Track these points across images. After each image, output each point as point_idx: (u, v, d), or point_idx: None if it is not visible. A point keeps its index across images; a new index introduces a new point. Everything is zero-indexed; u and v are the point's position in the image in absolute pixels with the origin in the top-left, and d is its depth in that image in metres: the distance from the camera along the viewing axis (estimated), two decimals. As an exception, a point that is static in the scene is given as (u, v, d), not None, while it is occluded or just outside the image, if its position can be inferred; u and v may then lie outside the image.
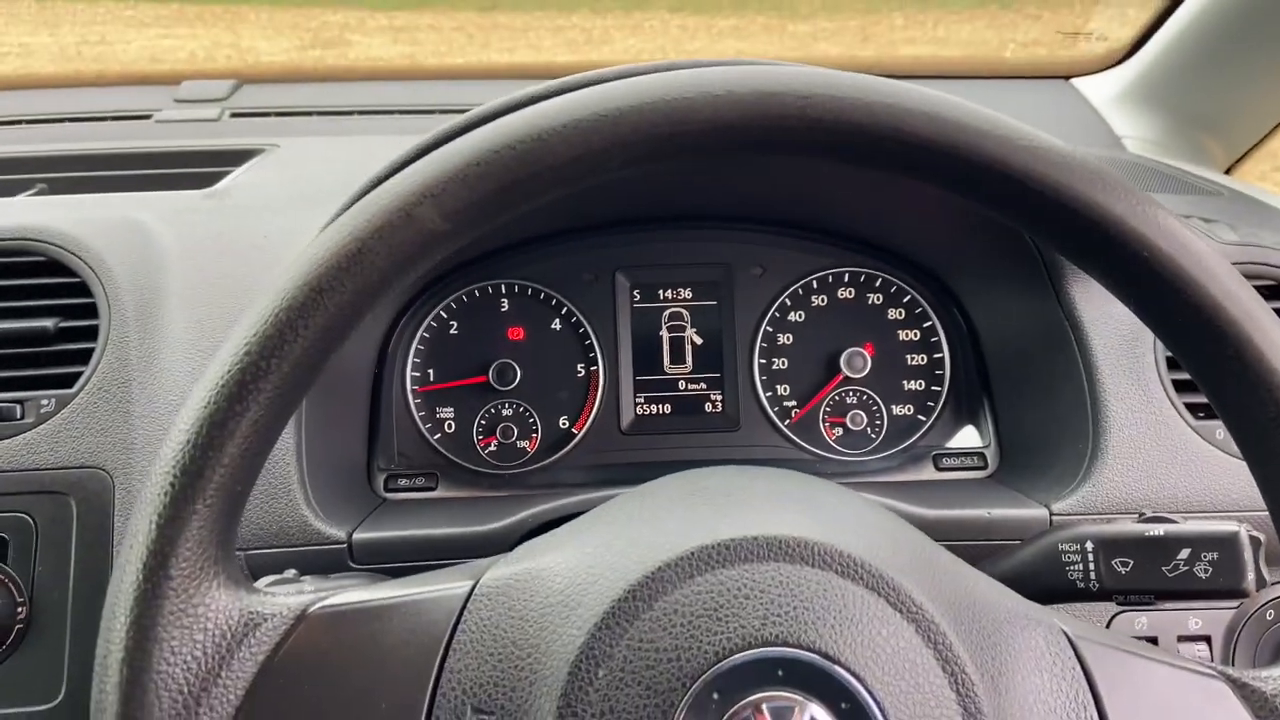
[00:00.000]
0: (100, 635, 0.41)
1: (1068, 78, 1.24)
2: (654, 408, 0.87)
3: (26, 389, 0.66)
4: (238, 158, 0.99)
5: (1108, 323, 0.72)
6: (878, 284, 0.88)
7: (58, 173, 0.99)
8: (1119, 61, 1.20)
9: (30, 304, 0.68)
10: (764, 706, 0.40)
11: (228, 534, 0.43)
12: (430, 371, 0.86)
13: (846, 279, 0.88)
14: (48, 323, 0.67)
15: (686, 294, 0.88)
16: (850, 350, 0.86)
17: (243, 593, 0.43)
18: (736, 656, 0.40)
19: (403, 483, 0.82)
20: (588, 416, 0.86)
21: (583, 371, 0.87)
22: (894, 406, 0.87)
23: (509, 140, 0.42)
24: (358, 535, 0.68)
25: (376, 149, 1.08)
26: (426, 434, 0.85)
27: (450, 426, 0.86)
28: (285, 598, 0.44)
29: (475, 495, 0.82)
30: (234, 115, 1.22)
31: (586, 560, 0.44)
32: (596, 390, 0.87)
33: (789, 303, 0.88)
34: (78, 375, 0.67)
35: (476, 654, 0.43)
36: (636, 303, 0.88)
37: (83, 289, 0.69)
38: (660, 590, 0.42)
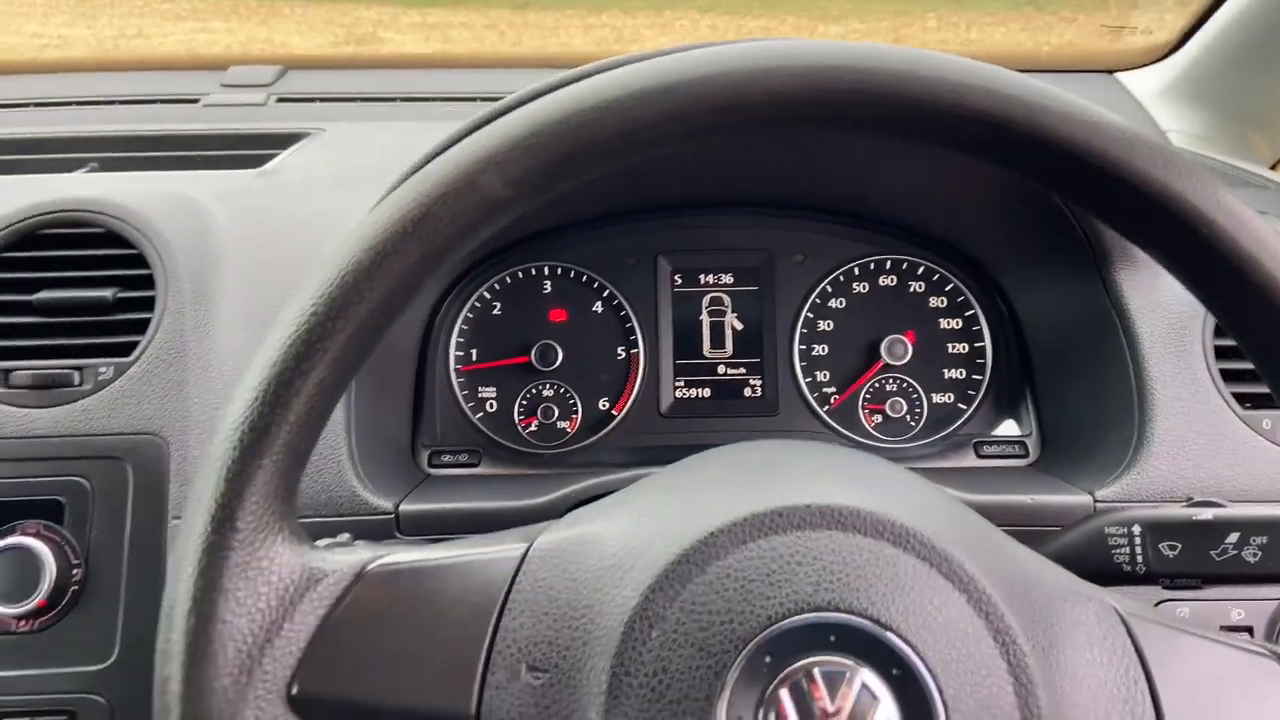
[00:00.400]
0: (167, 585, 0.42)
1: (1111, 72, 1.23)
2: (693, 391, 0.88)
3: (85, 356, 0.67)
4: (284, 141, 1.01)
5: (1155, 310, 0.72)
6: (920, 272, 0.88)
7: (110, 152, 1.01)
8: (1163, 56, 1.19)
9: (89, 274, 0.70)
10: (815, 671, 0.40)
11: (290, 492, 0.44)
12: (473, 351, 0.88)
13: (888, 266, 0.88)
14: (106, 292, 0.69)
15: (728, 279, 0.89)
16: (891, 338, 0.86)
17: (305, 549, 0.44)
18: (789, 621, 0.41)
19: (446, 459, 0.83)
20: (627, 399, 0.87)
21: (623, 354, 0.88)
22: (934, 395, 0.87)
23: (572, 109, 0.43)
24: (404, 507, 0.69)
25: (421, 134, 1.10)
26: (469, 413, 0.87)
27: (492, 406, 0.87)
28: (345, 555, 0.45)
29: (517, 473, 0.83)
30: (279, 100, 1.24)
31: (639, 525, 0.45)
32: (636, 373, 0.87)
33: (830, 289, 0.88)
34: (134, 344, 0.68)
35: (531, 614, 0.43)
36: (678, 287, 0.89)
37: (140, 261, 0.71)
38: (713, 555, 0.42)
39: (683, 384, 0.88)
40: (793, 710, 0.40)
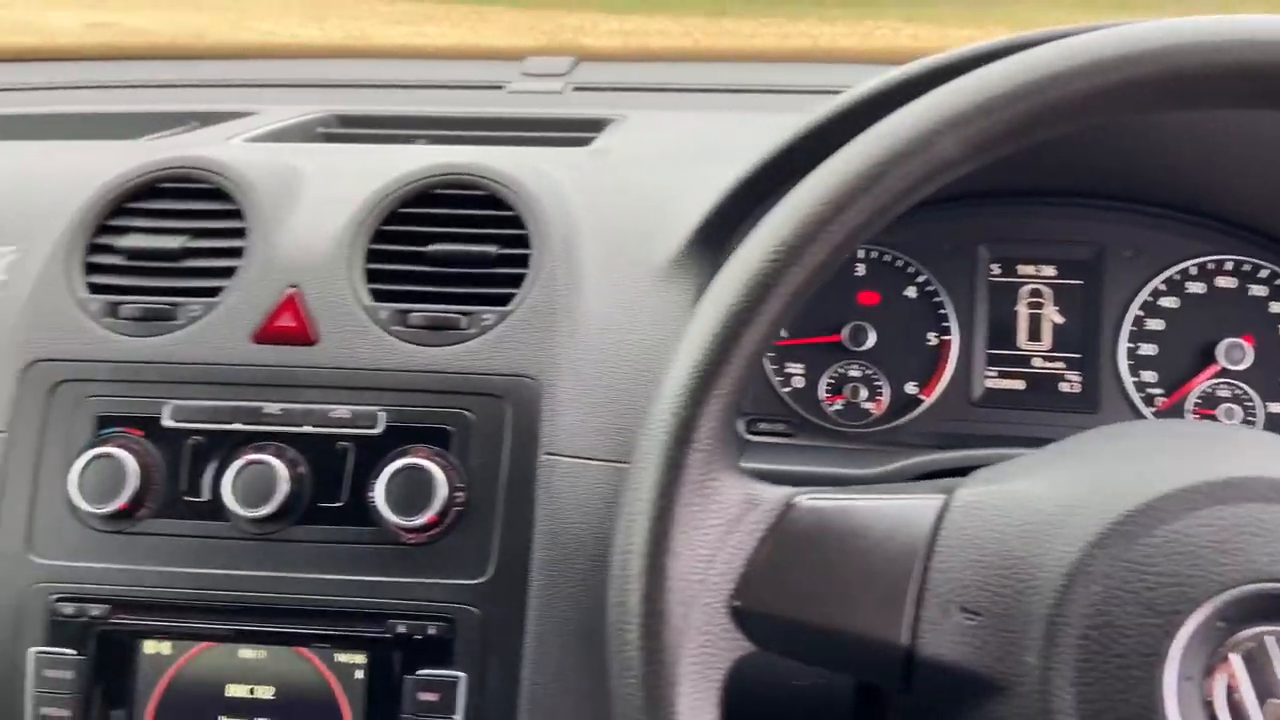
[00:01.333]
0: (628, 494, 0.47)
1: None
2: (1006, 383, 0.87)
3: (471, 304, 0.75)
4: (594, 125, 1.08)
5: None
6: (1263, 275, 0.84)
7: (439, 130, 1.11)
8: None
9: (472, 231, 0.77)
10: (1272, 640, 0.40)
11: (733, 423, 0.48)
12: (783, 329, 0.90)
13: (1229, 267, 0.84)
14: (489, 248, 0.76)
15: (1049, 271, 0.87)
16: (1229, 341, 0.82)
17: (743, 478, 0.48)
18: (1244, 588, 0.41)
19: (763, 427, 0.86)
20: (936, 384, 0.87)
21: (934, 340, 0.88)
22: (1270, 404, 0.82)
23: (1042, 73, 0.44)
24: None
25: (720, 123, 1.14)
26: (775, 386, 0.89)
27: (799, 382, 0.89)
28: (774, 488, 0.49)
29: (831, 446, 0.85)
30: (576, 89, 1.32)
31: (1069, 486, 0.46)
32: (947, 360, 0.88)
33: (1163, 288, 0.85)
34: (511, 296, 0.75)
35: (959, 559, 0.45)
36: (995, 276, 0.88)
37: (515, 222, 0.77)
38: (1159, 518, 0.43)
39: (995, 374, 0.87)
40: (1245, 677, 0.40)
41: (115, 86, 1.37)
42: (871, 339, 0.88)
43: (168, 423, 0.72)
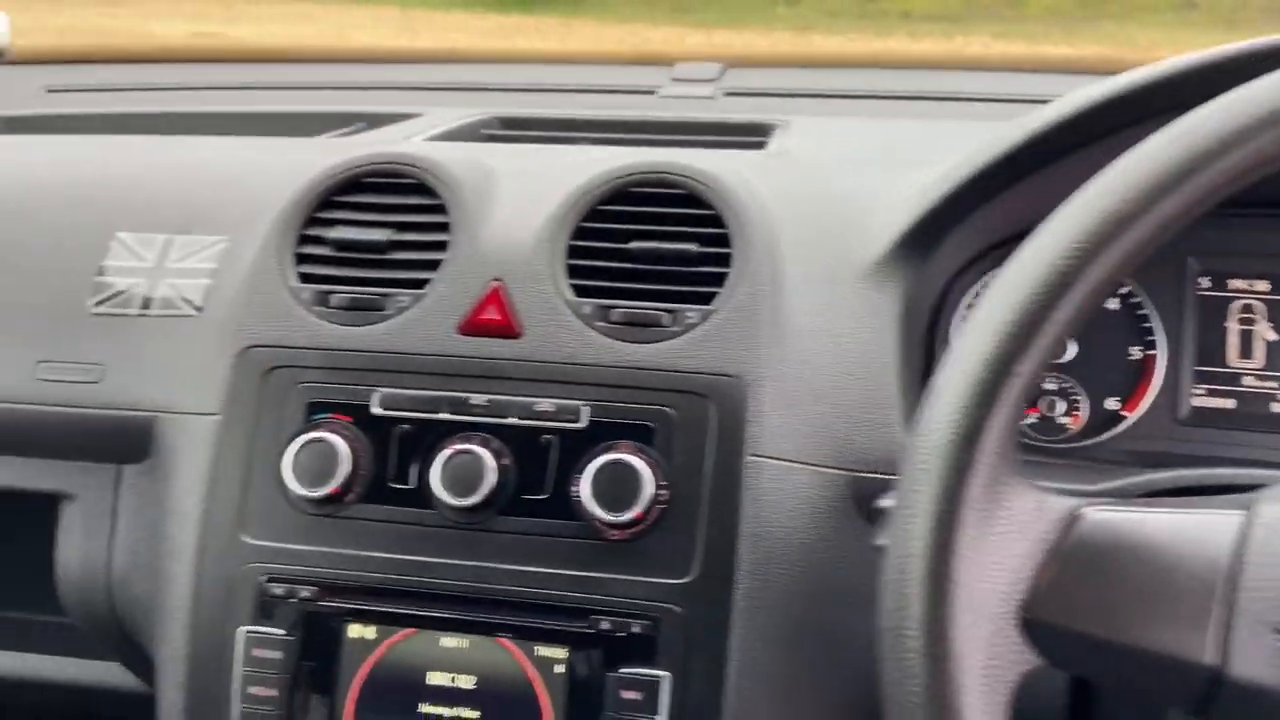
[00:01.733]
0: (905, 498, 0.45)
1: None
2: (1215, 401, 0.83)
3: (671, 301, 0.74)
4: (757, 129, 1.07)
5: None
6: None
7: (599, 133, 1.12)
8: None
9: (670, 229, 0.77)
10: None
11: (1017, 429, 0.46)
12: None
13: None
14: (691, 246, 0.75)
15: (1263, 287, 0.83)
16: None
17: (1031, 485, 0.46)
18: None
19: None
20: (1140, 401, 0.84)
21: (1138, 354, 0.84)
22: None
23: None
24: None
25: (887, 129, 1.12)
26: (963, 398, 0.87)
27: (988, 393, 0.86)
28: (1062, 498, 0.47)
29: (1030, 460, 0.82)
30: (727, 95, 1.32)
31: None
32: (1153, 375, 0.84)
33: (1387, 303, 0.80)
34: (713, 294, 0.74)
35: (1271, 578, 0.42)
36: (1205, 290, 0.84)
37: (714, 220, 0.77)
38: None
39: (1203, 392, 0.83)
40: None
41: (242, 88, 1.40)
42: (1070, 351, 0.85)
43: (376, 410, 0.73)
